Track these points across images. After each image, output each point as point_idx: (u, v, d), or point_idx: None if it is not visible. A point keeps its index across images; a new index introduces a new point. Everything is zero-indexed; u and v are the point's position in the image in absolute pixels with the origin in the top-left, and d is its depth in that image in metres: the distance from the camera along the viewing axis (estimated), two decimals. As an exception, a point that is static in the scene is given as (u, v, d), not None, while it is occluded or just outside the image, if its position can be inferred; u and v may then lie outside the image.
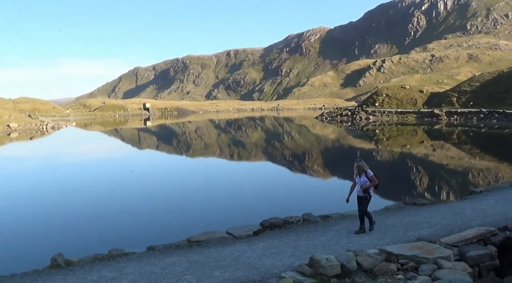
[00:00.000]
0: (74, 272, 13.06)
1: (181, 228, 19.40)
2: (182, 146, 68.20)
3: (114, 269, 13.04)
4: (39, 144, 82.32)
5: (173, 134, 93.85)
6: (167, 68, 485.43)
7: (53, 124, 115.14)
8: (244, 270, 12.24)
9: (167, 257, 13.96)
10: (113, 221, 22.35)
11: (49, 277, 12.81)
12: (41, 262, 14.13)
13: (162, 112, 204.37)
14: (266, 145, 65.14)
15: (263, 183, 33.18)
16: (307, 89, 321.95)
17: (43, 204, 27.52)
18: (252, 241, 15.48)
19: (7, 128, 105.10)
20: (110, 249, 14.85)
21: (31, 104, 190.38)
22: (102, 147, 70.32)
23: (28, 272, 13.29)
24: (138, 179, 36.16)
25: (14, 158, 56.68)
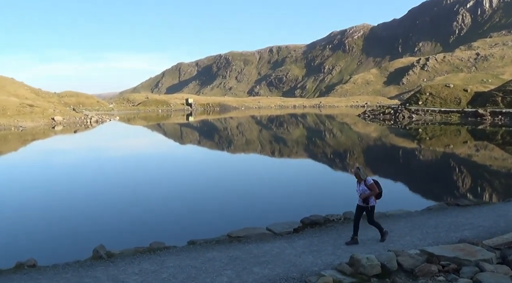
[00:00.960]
0: (115, 264, 13.25)
1: (222, 223, 19.46)
2: (223, 142, 68.44)
3: (155, 262, 13.19)
4: (82, 137, 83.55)
5: (215, 130, 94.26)
6: (210, 64, 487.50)
7: (97, 118, 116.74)
8: (284, 267, 12.26)
9: (207, 251, 14.05)
10: (154, 215, 22.53)
11: (91, 268, 13.02)
12: (84, 253, 14.36)
13: (204, 108, 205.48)
14: (307, 142, 64.96)
15: (304, 180, 33.10)
16: (349, 87, 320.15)
17: (86, 196, 27.93)
18: (292, 238, 15.48)
19: (51, 122, 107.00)
20: (151, 242, 15.02)
21: (76, 98, 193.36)
22: (144, 141, 71.04)
23: (70, 263, 13.51)
24: (180, 173, 36.45)
25: (57, 151, 57.66)
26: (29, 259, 13.81)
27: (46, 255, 15.23)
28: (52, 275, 12.61)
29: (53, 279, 12.26)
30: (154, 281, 11.69)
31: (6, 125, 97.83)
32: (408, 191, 28.61)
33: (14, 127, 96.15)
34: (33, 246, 17.60)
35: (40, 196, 28.45)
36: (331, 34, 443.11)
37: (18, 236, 19.47)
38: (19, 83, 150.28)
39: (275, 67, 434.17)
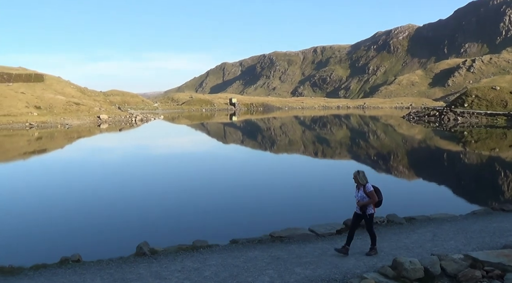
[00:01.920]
0: (158, 261, 13.40)
1: (264, 223, 19.48)
2: (266, 142, 68.50)
3: (197, 260, 13.29)
4: (127, 135, 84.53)
5: (258, 130, 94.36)
6: (254, 64, 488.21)
7: (142, 117, 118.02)
8: (326, 268, 12.22)
9: (250, 251, 14.10)
10: (198, 213, 22.68)
11: (134, 264, 13.19)
12: (127, 250, 14.57)
13: (248, 107, 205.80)
14: (350, 143, 64.52)
15: (347, 181, 32.83)
16: (394, 88, 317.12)
17: (130, 193, 28.32)
18: (335, 239, 15.42)
19: (97, 120, 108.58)
20: (194, 240, 15.14)
21: (121, 97, 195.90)
22: (187, 140, 71.54)
23: (114, 259, 13.72)
24: (223, 173, 36.59)
25: (102, 149, 58.51)
26: (74, 254, 14.06)
27: (90, 251, 15.46)
28: (96, 271, 12.82)
29: (96, 274, 12.46)
30: (197, 278, 11.78)
31: (53, 123, 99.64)
32: (453, 195, 28.17)
33: (60, 125, 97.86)
34: (78, 242, 17.88)
35: (86, 193, 28.93)
36: (376, 35, 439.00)
37: (64, 232, 19.83)
38: (66, 82, 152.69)
39: (319, 68, 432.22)
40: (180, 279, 11.79)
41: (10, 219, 22.87)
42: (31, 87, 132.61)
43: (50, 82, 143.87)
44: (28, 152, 58.02)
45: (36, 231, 20.33)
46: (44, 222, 21.96)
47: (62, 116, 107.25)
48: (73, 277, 12.45)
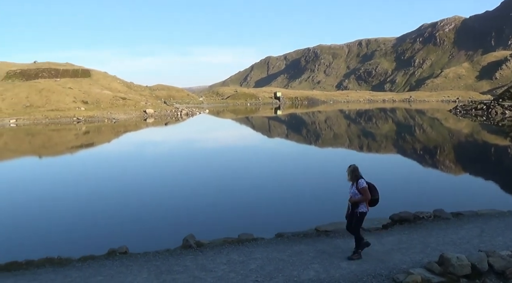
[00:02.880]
0: (204, 253, 13.51)
1: (309, 217, 19.42)
2: (311, 135, 68.27)
3: (243, 253, 13.36)
4: (173, 129, 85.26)
5: (303, 124, 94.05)
6: (298, 57, 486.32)
7: (187, 111, 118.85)
8: (372, 263, 12.16)
9: (295, 245, 14.11)
10: (243, 206, 22.76)
11: (180, 257, 13.33)
12: (174, 242, 14.72)
13: (292, 101, 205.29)
14: (396, 137, 63.81)
15: (393, 176, 32.54)
16: (440, 81, 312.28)
17: (176, 186, 28.59)
18: (381, 234, 15.32)
19: (143, 114, 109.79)
20: (240, 233, 15.21)
21: (167, 92, 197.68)
22: (232, 133, 71.79)
23: (160, 251, 13.89)
24: (268, 166, 36.62)
25: (148, 142, 59.14)
26: (121, 246, 14.30)
27: (137, 243, 15.68)
28: (143, 262, 13.01)
29: (143, 266, 12.65)
30: (242, 271, 11.86)
31: (100, 118, 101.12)
32: (501, 190, 27.62)
33: (107, 120, 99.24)
34: (125, 234, 18.16)
35: (133, 185, 29.34)
36: (421, 27, 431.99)
37: (111, 224, 20.15)
38: (112, 77, 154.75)
39: (364, 61, 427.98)
40: (225, 272, 11.89)
41: (59, 211, 23.34)
42: (78, 82, 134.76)
43: (96, 78, 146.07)
44: (75, 146, 59.08)
45: (84, 223, 20.70)
46: (92, 214, 22.34)
47: (109, 111, 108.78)
48: (120, 268, 12.67)
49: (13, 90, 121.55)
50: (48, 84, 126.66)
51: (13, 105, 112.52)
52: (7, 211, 24.06)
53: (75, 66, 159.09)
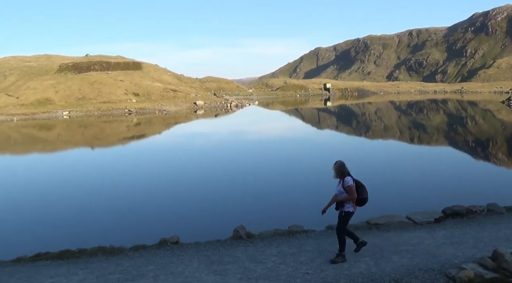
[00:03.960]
0: (254, 244, 13.51)
1: (360, 210, 19.20)
2: (361, 127, 67.64)
3: (293, 245, 13.30)
4: (223, 121, 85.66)
5: (353, 115, 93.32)
6: (348, 48, 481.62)
7: (237, 103, 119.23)
8: (423, 257, 11.94)
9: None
10: (293, 198, 22.68)
11: (231, 247, 13.37)
12: (224, 233, 14.79)
13: (342, 92, 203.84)
14: (448, 129, 62.69)
15: (445, 168, 31.92)
16: (493, 72, 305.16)
17: (227, 177, 28.74)
18: (433, 228, 15.04)
19: (193, 106, 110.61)
20: (290, 225, 15.15)
21: (217, 84, 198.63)
22: (282, 125, 71.71)
23: (211, 241, 13.96)
24: (318, 157, 36.41)
25: (199, 134, 59.54)
26: (172, 236, 14.43)
27: (188, 233, 15.78)
28: (194, 252, 13.08)
29: (194, 256, 12.72)
30: (292, 263, 11.81)
31: (151, 109, 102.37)
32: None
33: (158, 111, 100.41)
34: (177, 224, 18.34)
35: (184, 176, 29.63)
36: (473, 16, 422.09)
37: (163, 214, 20.35)
38: (163, 69, 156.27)
39: (414, 51, 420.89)
40: (276, 264, 11.85)
41: (112, 201, 23.71)
42: (130, 75, 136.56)
43: (147, 70, 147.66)
44: (127, 137, 59.94)
45: (136, 213, 20.99)
46: (144, 204, 22.62)
47: (160, 103, 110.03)
48: (171, 258, 12.78)
49: (66, 83, 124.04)
50: (100, 76, 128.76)
51: (66, 97, 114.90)
52: (60, 201, 24.57)
53: (126, 59, 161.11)
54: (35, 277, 12.11)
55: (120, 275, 11.65)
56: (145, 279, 11.38)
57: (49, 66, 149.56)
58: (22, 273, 12.55)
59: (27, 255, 14.22)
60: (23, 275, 12.36)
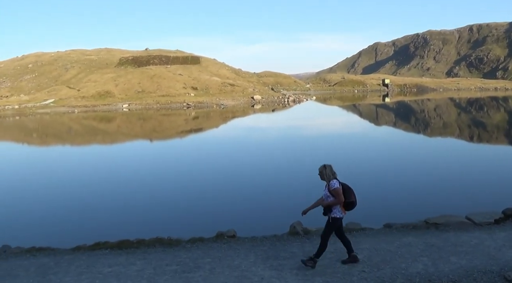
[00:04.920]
0: (311, 241, 13.48)
1: (419, 208, 18.93)
2: (419, 124, 66.58)
3: (351, 242, 13.17)
4: (280, 115, 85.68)
5: (411, 112, 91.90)
6: (407, 43, 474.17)
7: (294, 98, 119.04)
8: (482, 259, 11.69)
9: (404, 236, 13.79)
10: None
11: (287, 242, 13.38)
12: (281, 228, 14.77)
13: (401, 88, 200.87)
14: (509, 128, 61.19)
15: (507, 168, 31.15)
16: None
17: (283, 172, 28.72)
18: (493, 229, 14.66)
19: (251, 100, 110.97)
20: (347, 222, 15.02)
21: (274, 78, 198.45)
22: (339, 121, 71.25)
23: (268, 236, 13.99)
24: (377, 154, 36.01)
25: (256, 128, 59.72)
26: (229, 230, 14.52)
27: (245, 227, 15.83)
28: (250, 247, 13.13)
29: (251, 251, 12.77)
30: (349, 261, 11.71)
31: (209, 103, 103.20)
32: None
33: (216, 105, 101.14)
34: (234, 218, 18.43)
35: (242, 170, 29.81)
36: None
37: (220, 207, 20.50)
38: (221, 64, 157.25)
39: (475, 47, 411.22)
40: (332, 261, 11.80)
41: (170, 193, 24.06)
42: (188, 69, 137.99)
43: (205, 64, 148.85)
44: (185, 131, 60.60)
45: (194, 205, 21.23)
46: (202, 196, 22.85)
47: (218, 97, 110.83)
48: (228, 252, 12.87)
49: (126, 76, 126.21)
50: (159, 70, 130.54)
51: (125, 90, 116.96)
52: (119, 191, 25.08)
53: (185, 53, 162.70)
54: (94, 265, 12.41)
55: (177, 267, 11.79)
56: (202, 271, 11.50)
57: (110, 60, 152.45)
58: (82, 261, 12.85)
59: (86, 244, 14.55)
60: (83, 263, 12.66)
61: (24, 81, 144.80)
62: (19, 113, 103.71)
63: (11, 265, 12.92)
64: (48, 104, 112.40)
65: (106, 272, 11.85)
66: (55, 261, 13.04)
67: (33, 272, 12.16)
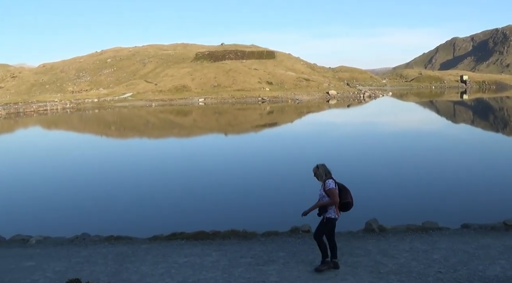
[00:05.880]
0: (386, 238, 13.35)
1: (498, 209, 18.42)
2: (498, 123, 64.68)
3: (426, 242, 12.98)
4: (355, 111, 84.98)
5: (490, 110, 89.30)
6: (486, 39, 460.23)
7: (370, 93, 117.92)
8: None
9: (482, 237, 13.44)
10: (428, 193, 22.11)
11: (362, 240, 13.31)
12: (356, 224, 14.68)
13: (479, 85, 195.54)
14: None
15: None
16: None
17: (359, 167, 28.51)
18: None
19: (326, 96, 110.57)
20: (424, 221, 14.81)
21: (349, 73, 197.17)
22: (415, 118, 70.02)
23: (342, 232, 13.94)
24: (452, 154, 35.27)
25: (330, 123, 59.46)
26: (304, 225, 14.57)
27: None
28: (325, 243, 13.08)
29: (326, 247, 12.72)
30: (425, 261, 11.50)
31: (283, 98, 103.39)
32: None
33: (290, 100, 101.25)
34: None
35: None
36: None
37: (295, 202, 20.48)
38: (296, 59, 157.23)
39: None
40: (408, 260, 11.63)
41: (245, 186, 24.31)
42: (263, 63, 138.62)
43: (281, 59, 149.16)
44: (260, 125, 60.94)
45: (268, 198, 21.42)
46: (277, 190, 23.02)
47: (292, 92, 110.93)
48: (302, 246, 12.91)
49: (202, 71, 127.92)
50: (235, 65, 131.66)
51: (201, 85, 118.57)
52: (195, 184, 25.50)
53: (260, 48, 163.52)
54: (170, 255, 12.70)
55: (251, 259, 11.91)
56: (276, 265, 11.58)
57: (186, 55, 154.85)
58: (158, 250, 13.20)
59: (163, 234, 14.89)
60: (159, 252, 13.00)
61: (103, 76, 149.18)
62: (98, 106, 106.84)
63: (90, 253, 13.41)
64: (126, 98, 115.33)
65: (182, 262, 12.10)
66: (133, 250, 13.44)
67: (111, 260, 12.58)
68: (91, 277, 10.96)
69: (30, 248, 14.45)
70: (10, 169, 34.02)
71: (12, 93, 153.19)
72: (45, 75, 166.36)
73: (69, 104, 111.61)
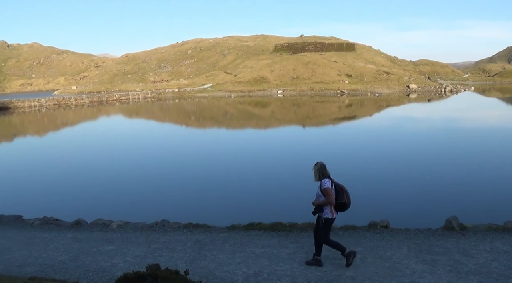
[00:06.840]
0: (466, 237, 13.06)
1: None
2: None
3: (508, 242, 12.62)
4: (436, 106, 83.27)
5: None
6: None
7: (451, 88, 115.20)
8: None
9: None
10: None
11: (442, 238, 13.06)
12: (435, 222, 14.47)
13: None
14: None
15: None
16: None
17: (436, 165, 27.96)
18: None
19: (406, 89, 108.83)
20: (506, 221, 14.43)
21: (430, 67, 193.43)
22: (494, 114, 67.91)
23: (421, 229, 13.73)
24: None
25: (408, 118, 58.54)
26: (382, 220, 14.45)
27: (398, 219, 15.68)
28: (403, 239, 12.97)
29: (403, 243, 12.61)
30: (506, 262, 11.16)
31: (363, 91, 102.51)
32: None
33: (370, 93, 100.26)
34: (387, 208, 18.32)
35: (400, 160, 29.49)
36: None
37: (374, 197, 20.39)
38: (376, 51, 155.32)
39: None
40: (487, 260, 11.36)
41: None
42: (343, 56, 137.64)
43: (360, 51, 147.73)
44: (338, 118, 60.63)
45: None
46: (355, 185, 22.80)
47: (372, 85, 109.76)
48: (380, 242, 12.79)
49: (281, 62, 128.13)
50: (314, 57, 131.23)
51: (280, 76, 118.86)
52: (272, 176, 25.68)
53: (340, 40, 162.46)
54: (247, 245, 12.89)
55: (328, 253, 11.86)
56: (353, 260, 11.56)
57: (265, 46, 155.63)
58: (236, 240, 13.40)
59: (241, 223, 15.08)
60: (237, 242, 13.21)
61: (183, 66, 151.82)
62: (179, 96, 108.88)
63: (169, 239, 13.79)
64: (206, 89, 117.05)
65: (259, 252, 12.24)
66: (211, 238, 13.70)
67: (189, 247, 12.88)
68: (170, 263, 11.24)
69: (111, 232, 14.99)
70: (95, 156, 35.14)
71: (96, 82, 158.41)
72: (128, 65, 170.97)
73: (150, 94, 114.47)
